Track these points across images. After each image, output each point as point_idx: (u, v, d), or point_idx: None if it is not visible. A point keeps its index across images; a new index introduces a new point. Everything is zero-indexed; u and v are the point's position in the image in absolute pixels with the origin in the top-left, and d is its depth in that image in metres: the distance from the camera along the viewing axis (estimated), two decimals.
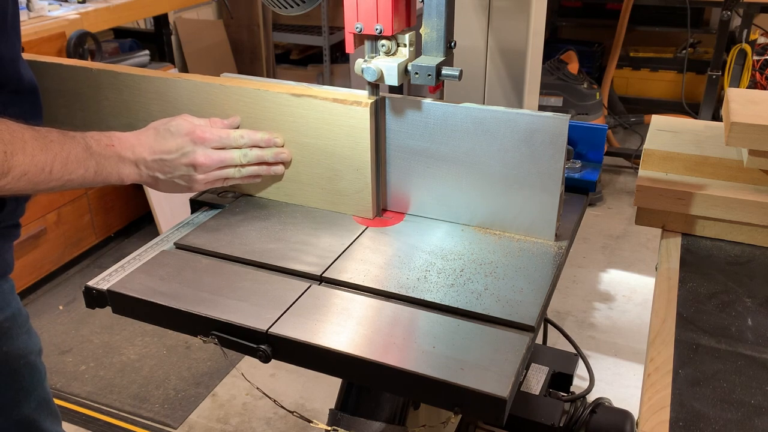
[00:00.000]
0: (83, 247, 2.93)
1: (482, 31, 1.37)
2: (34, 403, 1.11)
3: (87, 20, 2.74)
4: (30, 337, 1.10)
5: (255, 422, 2.13)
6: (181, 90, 1.16)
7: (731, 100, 1.11)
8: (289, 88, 1.12)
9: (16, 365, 1.07)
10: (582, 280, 2.78)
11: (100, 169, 0.98)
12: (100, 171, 0.98)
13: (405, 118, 1.07)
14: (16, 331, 1.06)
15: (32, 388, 1.10)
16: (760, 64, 3.61)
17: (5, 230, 1.02)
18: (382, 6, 0.98)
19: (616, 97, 4.01)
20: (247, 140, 1.10)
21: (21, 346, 1.07)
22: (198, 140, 1.04)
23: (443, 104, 1.04)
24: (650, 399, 0.80)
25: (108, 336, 2.52)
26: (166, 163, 1.03)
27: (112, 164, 1.00)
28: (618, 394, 1.34)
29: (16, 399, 1.08)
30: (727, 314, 0.95)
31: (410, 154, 1.09)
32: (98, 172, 0.98)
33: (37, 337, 1.12)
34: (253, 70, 4.15)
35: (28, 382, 1.10)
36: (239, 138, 1.09)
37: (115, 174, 1.01)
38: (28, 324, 1.10)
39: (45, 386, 1.14)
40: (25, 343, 1.08)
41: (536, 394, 1.27)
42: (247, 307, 0.93)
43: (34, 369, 1.11)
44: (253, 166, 1.11)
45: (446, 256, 1.03)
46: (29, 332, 1.10)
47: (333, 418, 1.06)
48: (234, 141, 1.09)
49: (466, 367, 0.81)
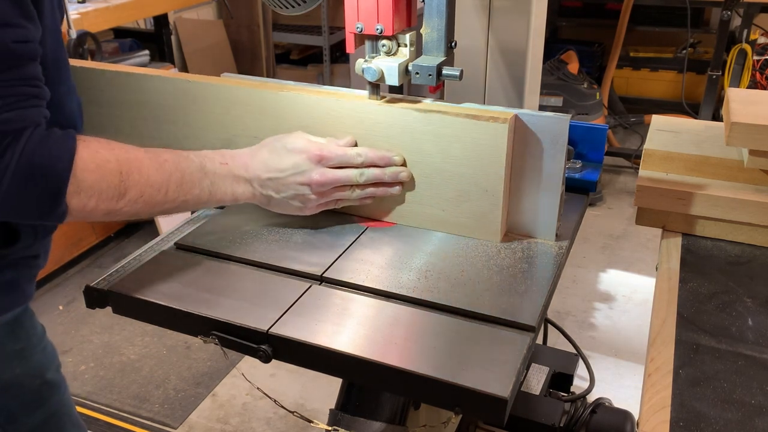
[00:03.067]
0: (83, 247, 2.93)
1: (483, 31, 1.37)
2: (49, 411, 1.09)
3: (87, 20, 2.74)
4: (45, 354, 1.08)
5: (255, 422, 2.13)
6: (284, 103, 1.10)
7: (731, 100, 1.11)
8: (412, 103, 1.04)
9: (32, 385, 1.06)
10: (582, 280, 2.78)
11: (214, 189, 0.96)
12: (214, 191, 0.96)
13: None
14: (30, 352, 1.05)
15: (44, 399, 1.09)
16: (760, 64, 3.61)
17: (22, 261, 0.98)
18: (382, 6, 0.98)
19: (616, 97, 4.01)
20: (364, 159, 1.03)
21: (36, 365, 1.06)
22: (315, 158, 1.00)
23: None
24: (651, 399, 0.80)
25: (108, 336, 2.52)
26: (280, 181, 1.00)
27: (227, 183, 0.97)
28: (618, 395, 1.34)
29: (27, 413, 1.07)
30: (727, 314, 0.94)
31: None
32: (213, 192, 0.96)
33: (53, 352, 1.11)
34: (253, 70, 4.15)
35: (46, 398, 1.08)
36: (356, 156, 1.03)
37: (229, 193, 0.98)
38: (44, 341, 1.08)
39: (64, 399, 1.12)
40: (40, 362, 1.06)
41: (536, 394, 1.27)
42: (247, 307, 0.92)
43: (51, 385, 1.09)
44: (369, 187, 1.05)
45: (446, 256, 1.02)
46: (45, 349, 1.08)
47: (333, 418, 1.06)
48: (351, 160, 1.03)
49: (466, 367, 0.80)
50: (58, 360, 1.12)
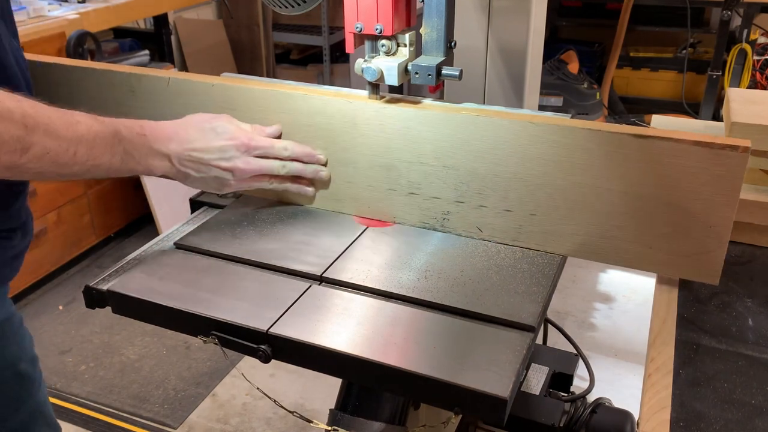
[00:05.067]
0: (83, 247, 2.93)
1: (482, 31, 1.37)
2: (24, 414, 1.03)
3: (87, 20, 2.74)
4: (21, 345, 1.02)
5: (255, 422, 2.13)
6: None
7: (731, 100, 1.11)
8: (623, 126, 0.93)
9: (3, 375, 0.99)
10: (582, 280, 2.78)
11: (127, 158, 0.92)
12: (127, 160, 0.92)
13: None
14: (3, 342, 0.99)
15: (21, 399, 1.03)
16: (761, 64, 3.60)
17: None
18: (382, 6, 0.98)
19: (617, 97, 4.01)
20: (290, 152, 1.06)
21: (8, 355, 0.99)
22: (242, 146, 1.01)
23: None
24: (651, 399, 0.80)
25: (108, 336, 2.52)
26: (203, 162, 0.99)
27: (142, 154, 0.94)
28: (618, 394, 1.33)
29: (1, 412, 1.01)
30: (727, 314, 0.94)
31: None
32: (125, 161, 0.91)
33: (30, 344, 1.04)
34: (253, 70, 4.15)
35: (17, 393, 1.02)
36: (283, 150, 1.06)
37: (143, 165, 0.95)
38: (20, 331, 1.02)
39: (39, 396, 1.06)
40: (13, 352, 1.00)
41: (536, 394, 1.27)
42: (247, 307, 0.92)
43: (24, 378, 1.02)
44: (287, 181, 1.08)
45: (446, 256, 1.02)
46: (21, 340, 1.02)
47: (333, 418, 1.06)
48: (277, 152, 1.05)
49: (466, 367, 0.80)
50: (33, 353, 1.05)
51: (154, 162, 0.96)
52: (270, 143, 1.05)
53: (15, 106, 0.78)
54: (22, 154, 0.78)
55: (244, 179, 1.04)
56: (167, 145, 0.97)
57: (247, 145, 1.02)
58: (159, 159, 0.97)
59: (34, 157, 0.80)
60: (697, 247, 0.93)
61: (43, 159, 0.81)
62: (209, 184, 1.03)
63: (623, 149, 0.91)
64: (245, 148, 1.01)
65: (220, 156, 1.00)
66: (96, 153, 0.87)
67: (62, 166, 0.84)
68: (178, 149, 0.97)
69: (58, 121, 0.83)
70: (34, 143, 0.79)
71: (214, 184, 1.03)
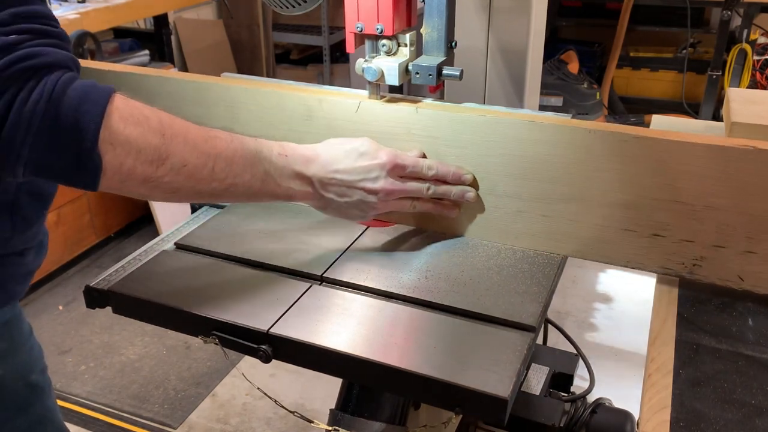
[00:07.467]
0: (83, 247, 2.93)
1: (483, 31, 1.37)
2: (33, 416, 1.05)
3: (87, 20, 2.74)
4: (31, 355, 1.03)
5: (255, 422, 2.13)
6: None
7: (731, 100, 1.11)
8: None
9: (14, 387, 1.01)
10: (582, 280, 2.78)
11: (268, 179, 0.87)
12: (267, 181, 0.87)
13: None
14: (14, 352, 1.00)
15: (28, 404, 1.04)
16: (761, 64, 3.60)
17: (6, 258, 0.92)
18: (382, 5, 0.98)
19: (617, 97, 4.01)
20: (435, 172, 0.99)
21: (20, 368, 1.01)
22: (388, 166, 0.94)
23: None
24: (651, 399, 0.80)
25: (108, 336, 2.52)
26: (345, 184, 0.93)
27: (283, 176, 0.89)
28: (618, 395, 1.33)
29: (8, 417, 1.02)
30: (727, 314, 0.94)
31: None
32: (265, 182, 0.87)
33: (39, 353, 1.05)
34: (253, 70, 4.15)
35: (24, 400, 1.03)
36: (428, 170, 0.98)
37: (284, 187, 0.89)
38: (30, 341, 1.03)
39: (47, 402, 1.07)
40: (24, 363, 1.02)
41: (537, 394, 1.27)
42: (247, 307, 0.92)
43: (33, 387, 1.04)
44: (429, 203, 1.01)
45: (446, 257, 1.02)
46: (31, 350, 1.03)
47: (333, 418, 1.06)
48: (424, 173, 0.98)
49: (467, 367, 0.80)
50: (44, 362, 1.06)
51: (295, 185, 0.91)
52: (415, 161, 0.98)
53: (152, 114, 0.75)
54: (158, 166, 0.75)
55: (389, 201, 0.97)
56: (309, 168, 0.91)
57: (393, 164, 0.95)
58: (300, 182, 0.91)
59: (171, 170, 0.76)
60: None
61: (180, 172, 0.77)
62: (351, 211, 0.96)
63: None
64: (391, 167, 0.94)
65: (366, 176, 0.93)
66: (235, 170, 0.83)
67: (199, 182, 0.80)
68: (320, 172, 0.92)
69: (195, 132, 0.79)
70: (171, 153, 0.75)
71: (356, 210, 0.96)
